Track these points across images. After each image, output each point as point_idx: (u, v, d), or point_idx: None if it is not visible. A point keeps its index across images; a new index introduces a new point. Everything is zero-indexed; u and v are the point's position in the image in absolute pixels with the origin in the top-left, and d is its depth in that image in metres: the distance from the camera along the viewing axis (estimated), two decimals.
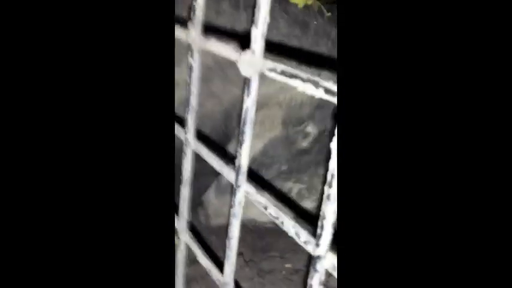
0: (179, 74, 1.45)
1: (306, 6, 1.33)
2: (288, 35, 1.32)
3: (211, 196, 1.45)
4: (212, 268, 0.62)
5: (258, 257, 1.28)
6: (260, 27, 0.45)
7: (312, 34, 1.39)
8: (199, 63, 0.60)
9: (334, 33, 1.40)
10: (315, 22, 1.35)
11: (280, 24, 1.30)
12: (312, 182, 1.23)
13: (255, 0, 0.45)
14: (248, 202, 0.52)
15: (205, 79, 1.39)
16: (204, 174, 1.39)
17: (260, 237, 1.40)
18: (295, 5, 1.30)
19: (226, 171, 0.55)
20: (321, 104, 1.36)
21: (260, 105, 1.36)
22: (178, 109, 1.31)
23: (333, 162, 0.38)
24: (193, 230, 0.87)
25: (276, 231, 1.44)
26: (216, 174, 1.53)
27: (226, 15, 1.36)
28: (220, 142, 1.46)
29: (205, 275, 1.17)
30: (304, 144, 1.22)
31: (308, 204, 1.25)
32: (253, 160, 1.27)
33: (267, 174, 1.24)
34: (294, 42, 1.32)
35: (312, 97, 1.36)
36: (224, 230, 1.57)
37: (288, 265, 1.20)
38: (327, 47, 1.36)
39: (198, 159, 0.64)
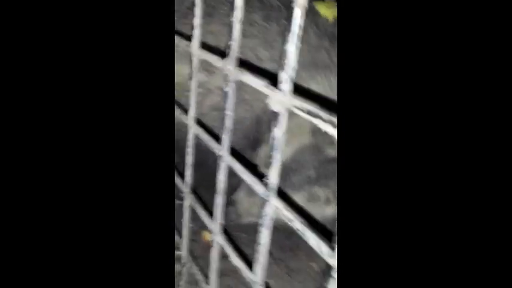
0: (212, 83, 1.55)
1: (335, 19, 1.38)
2: (318, 46, 1.39)
3: (241, 195, 1.53)
4: (243, 268, 0.71)
5: (287, 255, 1.37)
6: (289, 72, 0.53)
7: None
8: (234, 91, 0.68)
9: None
10: None
11: (310, 36, 1.37)
12: None
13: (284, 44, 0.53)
14: None
15: (237, 87, 1.48)
16: (235, 174, 1.48)
17: (288, 237, 1.48)
18: (325, 18, 1.37)
19: (257, 186, 0.64)
20: None
21: (290, 114, 1.44)
22: (211, 116, 1.40)
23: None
24: (225, 229, 0.95)
25: None
26: None
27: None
28: (251, 146, 1.55)
29: (236, 271, 1.27)
30: (332, 152, 1.29)
31: (335, 207, 1.32)
32: (282, 166, 1.36)
33: (295, 179, 1.32)
34: (323, 54, 1.38)
35: None
36: (254, 227, 1.65)
37: (312, 263, 1.28)
38: None
39: (235, 175, 0.74)
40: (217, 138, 0.76)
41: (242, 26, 0.64)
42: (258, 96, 1.62)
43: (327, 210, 1.32)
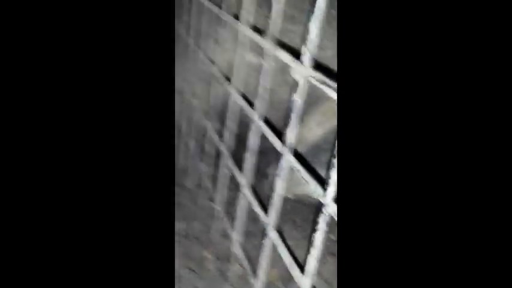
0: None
1: None
2: None
3: (274, 169, 1.67)
4: (261, 213, 0.85)
5: (307, 225, 1.49)
6: (309, 45, 0.65)
7: None
8: (271, 65, 0.82)
9: None
10: None
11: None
12: None
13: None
14: (303, 182, 0.72)
15: (279, 67, 1.61)
16: (270, 151, 1.62)
17: (312, 211, 1.60)
18: None
19: (278, 145, 0.77)
20: None
21: (324, 98, 1.54)
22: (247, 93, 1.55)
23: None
24: (257, 194, 1.10)
25: None
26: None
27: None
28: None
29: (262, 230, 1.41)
30: None
31: None
32: (314, 145, 1.47)
33: (325, 157, 1.43)
34: None
35: None
36: (283, 197, 1.77)
37: (331, 236, 1.39)
38: None
39: (265, 138, 0.87)
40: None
41: (282, 7, 0.77)
42: None
43: None
